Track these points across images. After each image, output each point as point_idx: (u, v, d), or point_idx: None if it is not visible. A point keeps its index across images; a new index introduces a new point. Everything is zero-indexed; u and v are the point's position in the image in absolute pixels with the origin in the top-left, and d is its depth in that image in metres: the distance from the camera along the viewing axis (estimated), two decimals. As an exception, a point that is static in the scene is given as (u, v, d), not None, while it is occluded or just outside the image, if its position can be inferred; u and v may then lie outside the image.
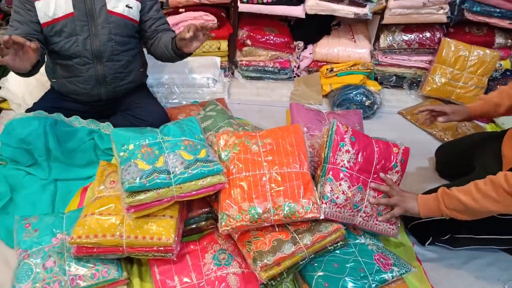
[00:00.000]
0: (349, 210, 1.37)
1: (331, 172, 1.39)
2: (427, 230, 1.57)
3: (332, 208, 1.35)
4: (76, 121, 1.80)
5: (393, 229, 1.46)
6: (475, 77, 2.43)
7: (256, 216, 1.29)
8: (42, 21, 1.66)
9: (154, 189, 1.26)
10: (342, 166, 1.40)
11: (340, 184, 1.38)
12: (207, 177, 1.32)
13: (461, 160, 1.75)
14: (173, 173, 1.29)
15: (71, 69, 1.78)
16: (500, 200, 1.22)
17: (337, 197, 1.36)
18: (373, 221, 1.43)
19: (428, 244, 1.59)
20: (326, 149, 1.43)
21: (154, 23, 1.86)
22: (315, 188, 1.38)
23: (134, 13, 1.78)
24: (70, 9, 1.66)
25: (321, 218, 1.32)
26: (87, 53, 1.74)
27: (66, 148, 1.74)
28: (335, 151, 1.42)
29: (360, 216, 1.40)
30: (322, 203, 1.34)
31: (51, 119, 1.71)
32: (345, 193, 1.37)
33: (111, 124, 1.84)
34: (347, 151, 1.42)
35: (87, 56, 1.75)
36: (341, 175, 1.39)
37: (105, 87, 1.86)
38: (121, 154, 1.36)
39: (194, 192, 1.32)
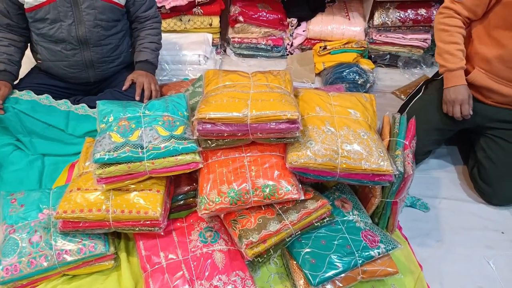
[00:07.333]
0: None
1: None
2: None
3: None
4: (47, 100, 1.75)
5: None
6: None
7: (235, 198, 1.28)
8: (25, 6, 1.61)
9: (125, 162, 1.25)
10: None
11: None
12: (181, 155, 1.30)
13: None
14: (146, 148, 1.27)
15: (57, 53, 1.74)
16: None
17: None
18: None
19: None
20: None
21: (139, 8, 1.83)
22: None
23: None
24: None
25: (301, 199, 1.31)
26: (72, 40, 1.70)
27: (45, 127, 1.71)
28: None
29: None
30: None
31: (22, 104, 1.68)
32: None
33: (86, 106, 1.79)
34: None
35: (72, 43, 1.71)
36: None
37: (93, 71, 1.83)
38: (101, 126, 1.35)
39: (167, 169, 1.30)
